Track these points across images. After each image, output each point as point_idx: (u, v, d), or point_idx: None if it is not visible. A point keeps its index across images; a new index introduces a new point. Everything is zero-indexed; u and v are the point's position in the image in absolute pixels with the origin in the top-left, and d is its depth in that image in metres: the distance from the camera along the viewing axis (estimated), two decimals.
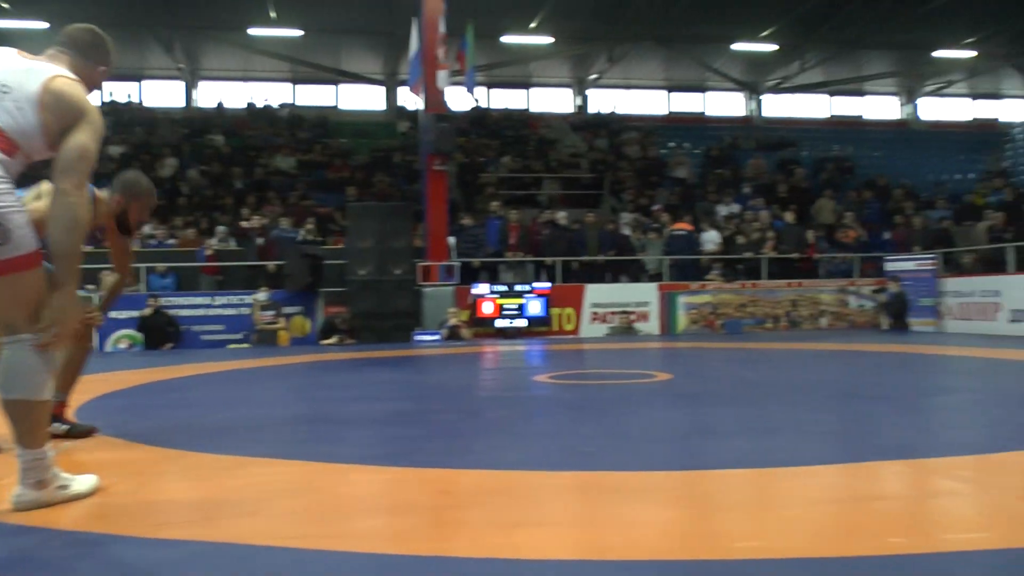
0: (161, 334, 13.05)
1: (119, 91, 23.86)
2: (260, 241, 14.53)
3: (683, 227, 15.83)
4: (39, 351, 2.71)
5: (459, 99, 20.55)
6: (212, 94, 24.95)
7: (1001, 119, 29.92)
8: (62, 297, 2.72)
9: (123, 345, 13.22)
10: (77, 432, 4.22)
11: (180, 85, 25.26)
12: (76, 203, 2.72)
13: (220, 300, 13.67)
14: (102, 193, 3.97)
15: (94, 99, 3.01)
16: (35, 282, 2.71)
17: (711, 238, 15.94)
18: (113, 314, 13.15)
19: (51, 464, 2.81)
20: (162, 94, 25.21)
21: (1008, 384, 6.59)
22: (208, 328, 13.57)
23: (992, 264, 14.79)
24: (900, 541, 2.27)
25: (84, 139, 2.78)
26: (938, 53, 24.95)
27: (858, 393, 5.76)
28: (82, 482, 2.93)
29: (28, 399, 2.72)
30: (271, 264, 14.18)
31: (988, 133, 28.39)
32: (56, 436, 3.89)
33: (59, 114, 2.77)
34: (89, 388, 6.80)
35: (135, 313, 13.12)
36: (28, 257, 2.67)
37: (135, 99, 23.97)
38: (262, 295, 13.44)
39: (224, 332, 13.63)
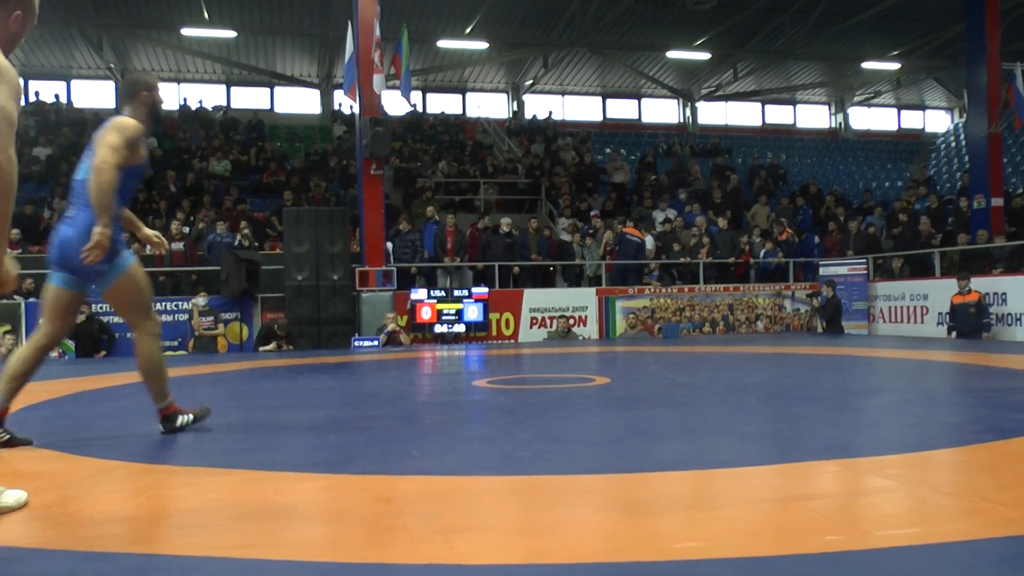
0: (94, 342, 12.70)
1: (46, 91, 23.20)
2: (179, 246, 14.24)
3: (635, 232, 15.96)
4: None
5: (395, 103, 20.49)
6: None
7: (926, 129, 30.92)
8: None
9: (54, 354, 12.82)
10: (16, 442, 4.07)
11: (110, 85, 24.65)
12: (3, 167, 2.52)
13: (154, 307, 13.36)
14: None
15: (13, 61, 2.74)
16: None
17: (647, 244, 16.13)
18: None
19: None
20: (91, 94, 24.55)
21: (934, 384, 6.78)
22: None
23: (920, 269, 15.26)
24: (835, 539, 2.31)
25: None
26: (865, 64, 25.62)
27: (792, 395, 5.86)
28: (10, 495, 2.81)
29: None
30: (198, 270, 13.95)
31: (913, 143, 29.33)
32: None
33: None
34: (17, 398, 6.58)
35: None
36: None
37: (63, 99, 23.29)
38: (201, 300, 13.18)
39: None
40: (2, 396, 4.13)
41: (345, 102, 22.32)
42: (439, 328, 13.97)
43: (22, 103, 2.60)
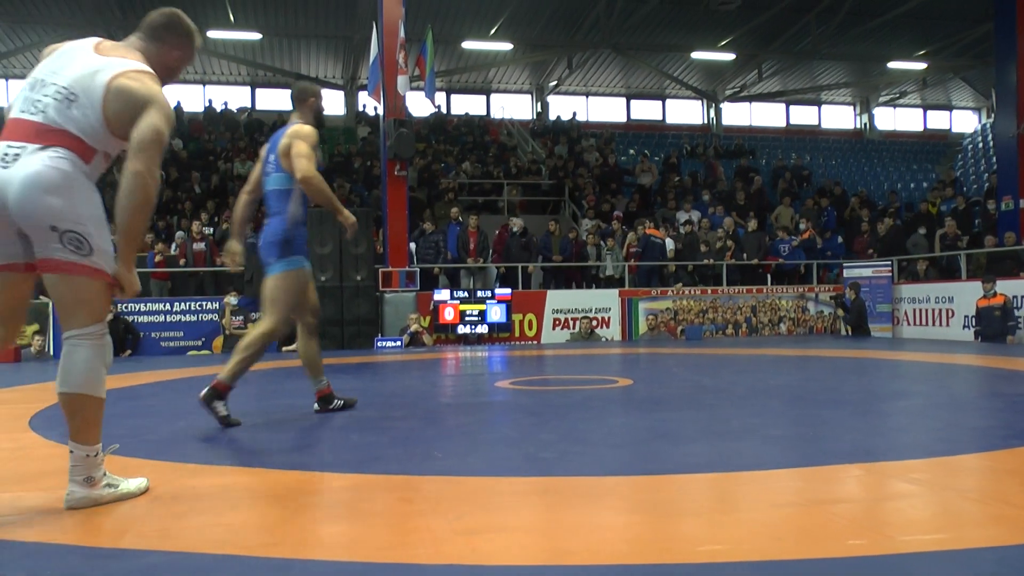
0: (119, 341, 12.84)
1: None
2: (201, 247, 14.36)
3: (657, 234, 15.94)
4: (95, 347, 2.83)
5: (419, 105, 20.57)
6: (170, 97, 24.55)
7: (952, 130, 30.60)
8: (122, 270, 2.86)
9: None
10: (230, 422, 4.68)
11: None
12: (149, 183, 2.82)
13: (179, 307, 13.50)
14: None
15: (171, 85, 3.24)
16: (101, 291, 2.84)
17: (668, 246, 16.09)
18: None
19: (101, 462, 2.90)
20: None
21: (960, 388, 6.71)
22: (167, 335, 13.39)
23: (946, 271, 15.11)
24: (859, 543, 2.30)
25: (152, 121, 2.84)
26: (891, 64, 25.41)
27: (816, 398, 5.82)
28: (131, 483, 3.01)
29: (82, 394, 2.81)
30: (223, 270, 14.05)
31: (940, 143, 29.04)
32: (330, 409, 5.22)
33: (122, 111, 2.83)
34: (43, 397, 6.66)
35: None
36: (102, 272, 2.81)
37: None
38: (233, 299, 13.27)
39: (183, 339, 13.46)
40: (228, 375, 4.67)
41: (369, 103, 22.41)
42: (462, 329, 14.00)
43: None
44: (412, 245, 14.56)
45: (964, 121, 30.92)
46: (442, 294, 14.06)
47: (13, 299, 2.88)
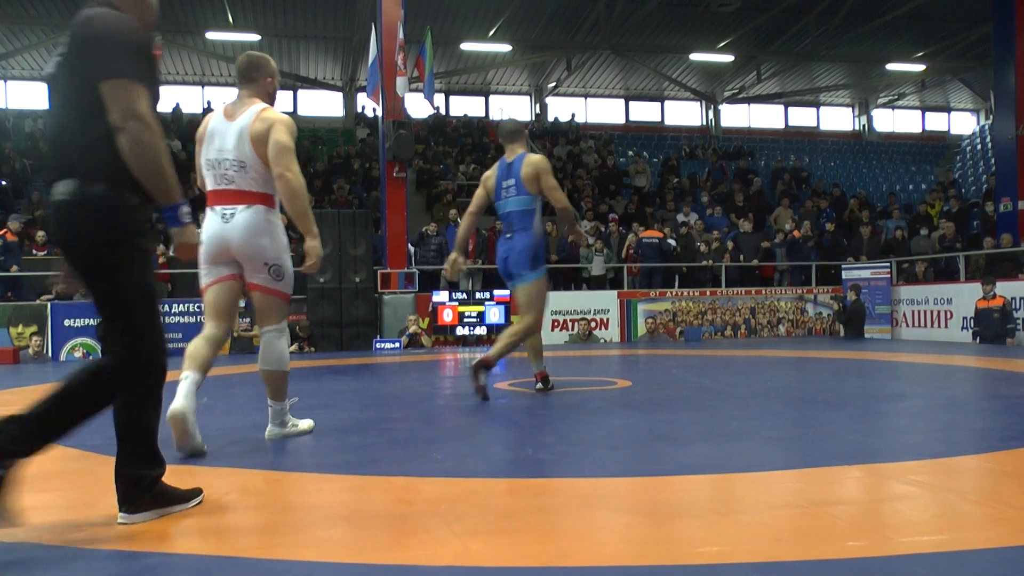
0: None
1: None
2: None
3: (653, 234, 15.94)
4: (282, 336, 4.31)
5: (418, 106, 20.56)
6: (169, 99, 24.58)
7: (951, 132, 30.63)
8: (312, 241, 4.16)
9: (78, 354, 12.98)
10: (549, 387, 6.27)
11: None
12: (293, 178, 4.02)
13: (177, 308, 13.49)
14: None
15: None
16: (284, 303, 4.32)
17: (671, 243, 16.09)
18: (67, 322, 12.93)
19: (287, 411, 4.42)
20: None
21: (959, 390, 6.71)
22: (167, 336, 13.37)
23: (944, 273, 15.12)
24: (858, 544, 2.30)
25: (278, 136, 3.99)
26: (890, 66, 25.43)
27: (816, 399, 5.82)
28: (303, 423, 4.54)
29: (276, 370, 4.28)
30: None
31: (938, 145, 29.07)
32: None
33: (264, 143, 4.00)
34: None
35: (92, 321, 12.92)
36: (287, 295, 4.30)
37: None
38: (240, 301, 13.25)
39: (183, 340, 13.44)
40: (496, 354, 5.86)
41: (368, 105, 22.41)
42: (461, 330, 13.99)
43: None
44: (411, 247, 14.56)
45: (963, 123, 30.96)
46: (441, 295, 14.06)
47: (231, 303, 4.28)
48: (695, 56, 24.54)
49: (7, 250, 13.52)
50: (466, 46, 23.29)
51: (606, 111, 28.39)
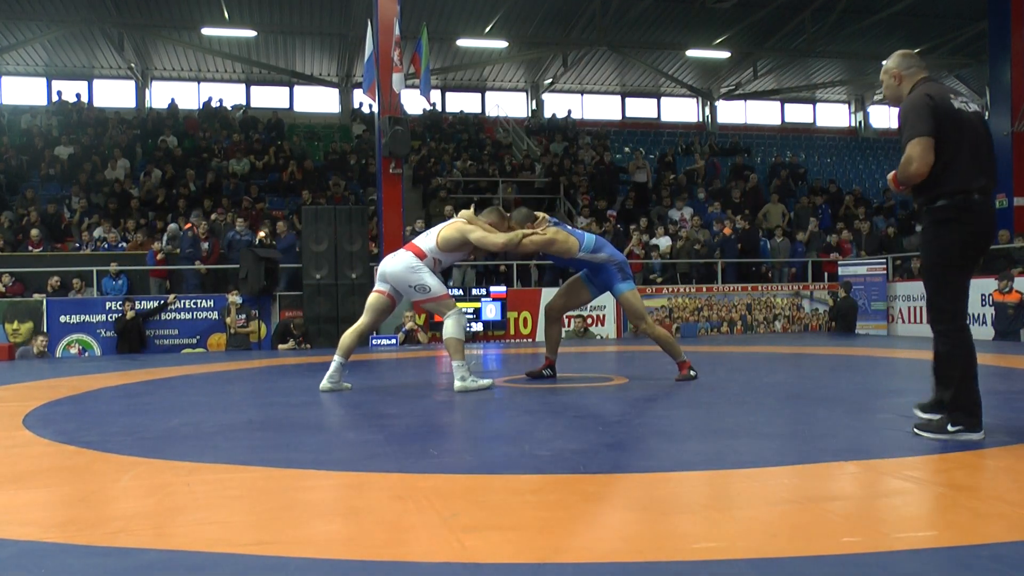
0: (137, 340, 12.89)
1: (68, 90, 23.36)
2: (204, 246, 14.34)
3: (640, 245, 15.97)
4: (458, 316, 6.38)
5: (414, 102, 20.54)
6: (164, 95, 24.55)
7: None
8: (513, 239, 6.39)
9: (73, 351, 12.96)
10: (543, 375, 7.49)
11: (131, 85, 24.84)
12: (481, 240, 6.36)
13: (174, 304, 13.47)
14: None
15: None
16: (443, 299, 6.43)
17: (663, 243, 16.10)
18: (63, 319, 12.92)
19: (467, 367, 6.29)
20: (112, 94, 24.74)
21: None
22: (162, 332, 13.38)
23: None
24: (854, 540, 2.30)
25: (475, 237, 6.36)
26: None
27: (811, 395, 5.83)
28: (482, 381, 6.36)
29: (456, 338, 6.24)
30: (216, 268, 14.06)
31: None
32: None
33: (447, 240, 6.43)
34: (36, 395, 6.65)
35: (88, 318, 12.93)
36: (440, 296, 6.43)
37: (84, 99, 23.46)
38: (237, 298, 13.26)
39: (178, 337, 13.44)
40: (551, 353, 7.51)
41: (364, 101, 22.39)
42: None
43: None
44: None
45: None
46: None
47: (382, 313, 6.74)
48: (691, 52, 24.52)
49: None
50: (462, 42, 23.25)
51: (602, 107, 28.36)
